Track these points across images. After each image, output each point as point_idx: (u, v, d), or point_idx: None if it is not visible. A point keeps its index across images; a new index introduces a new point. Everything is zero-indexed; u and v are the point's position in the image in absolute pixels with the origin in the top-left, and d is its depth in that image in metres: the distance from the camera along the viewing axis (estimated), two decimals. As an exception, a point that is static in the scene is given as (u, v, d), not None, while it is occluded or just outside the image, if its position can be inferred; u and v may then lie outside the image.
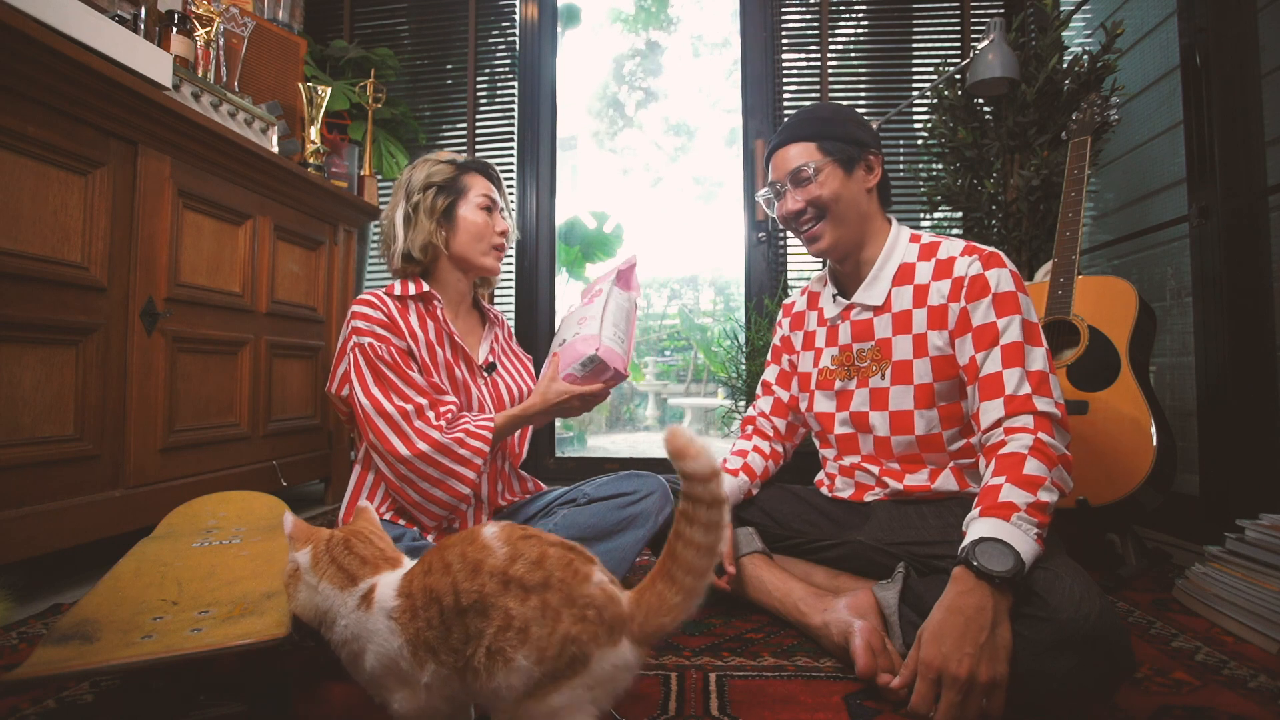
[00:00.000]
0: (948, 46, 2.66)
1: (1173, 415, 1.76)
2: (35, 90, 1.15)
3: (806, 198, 1.12)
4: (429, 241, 1.19)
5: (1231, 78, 1.60)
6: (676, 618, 0.62)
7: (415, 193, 1.20)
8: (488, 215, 1.22)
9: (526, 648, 0.58)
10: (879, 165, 1.14)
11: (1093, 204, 2.27)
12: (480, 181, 1.24)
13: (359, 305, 1.12)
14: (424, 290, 1.18)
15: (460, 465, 1.06)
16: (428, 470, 1.05)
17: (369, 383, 1.07)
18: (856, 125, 1.14)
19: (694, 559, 0.62)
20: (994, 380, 0.97)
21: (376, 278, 2.93)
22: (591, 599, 0.60)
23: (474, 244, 1.22)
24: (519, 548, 0.62)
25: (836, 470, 1.22)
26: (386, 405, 1.05)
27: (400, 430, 1.05)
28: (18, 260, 1.14)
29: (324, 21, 2.90)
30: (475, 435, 1.08)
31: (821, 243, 1.14)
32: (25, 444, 1.16)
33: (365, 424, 1.06)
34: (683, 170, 8.37)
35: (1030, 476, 0.86)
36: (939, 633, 0.77)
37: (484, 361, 1.26)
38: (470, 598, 0.60)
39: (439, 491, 1.06)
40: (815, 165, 1.11)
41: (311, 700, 0.82)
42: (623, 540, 1.10)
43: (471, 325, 1.30)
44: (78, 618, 0.71)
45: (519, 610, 0.59)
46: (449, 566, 0.63)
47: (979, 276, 1.02)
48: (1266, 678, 0.90)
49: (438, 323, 1.18)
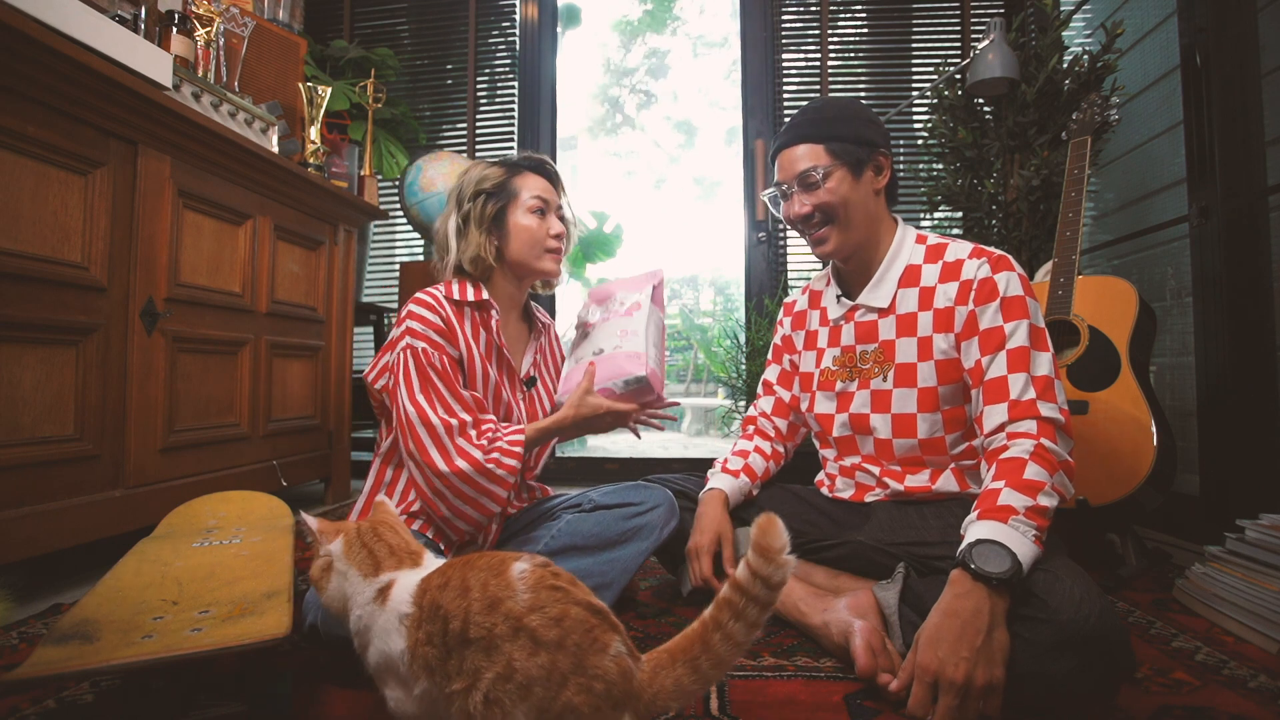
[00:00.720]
0: (948, 46, 2.66)
1: (1173, 415, 1.76)
2: (35, 90, 1.15)
3: (814, 202, 1.10)
4: (478, 255, 1.16)
5: (1231, 78, 1.60)
6: (687, 703, 0.60)
7: (466, 201, 1.18)
8: (540, 218, 1.19)
9: (526, 705, 0.56)
10: (889, 165, 1.12)
11: (1093, 204, 2.27)
12: (532, 181, 1.21)
13: (417, 305, 1.10)
14: (482, 298, 1.16)
15: (494, 484, 1.05)
16: (463, 488, 1.04)
17: (415, 389, 1.05)
18: (866, 124, 1.11)
19: (726, 652, 0.60)
20: (999, 384, 0.97)
21: (376, 277, 2.93)
22: (603, 672, 0.57)
23: (528, 250, 1.18)
24: (541, 598, 0.59)
25: (837, 471, 1.22)
26: (431, 416, 1.04)
27: (442, 445, 1.03)
28: (18, 260, 1.14)
29: (324, 21, 2.90)
30: (508, 454, 1.06)
31: (827, 246, 1.12)
32: (25, 444, 1.16)
33: (406, 430, 1.05)
34: (683, 170, 8.38)
35: (1030, 481, 0.86)
36: (935, 637, 0.77)
37: (525, 375, 1.25)
38: (479, 632, 0.58)
39: (470, 509, 1.05)
40: (824, 170, 1.08)
41: (311, 700, 0.82)
42: (626, 551, 1.10)
43: (519, 334, 1.29)
44: (78, 618, 0.71)
45: (523, 664, 0.56)
46: (467, 591, 0.61)
47: (988, 280, 1.01)
48: (1266, 678, 0.90)
49: (490, 334, 1.17)
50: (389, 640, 0.63)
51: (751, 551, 0.58)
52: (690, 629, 0.62)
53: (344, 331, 2.12)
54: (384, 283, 2.94)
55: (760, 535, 0.58)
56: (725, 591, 0.61)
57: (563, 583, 0.62)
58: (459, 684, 0.58)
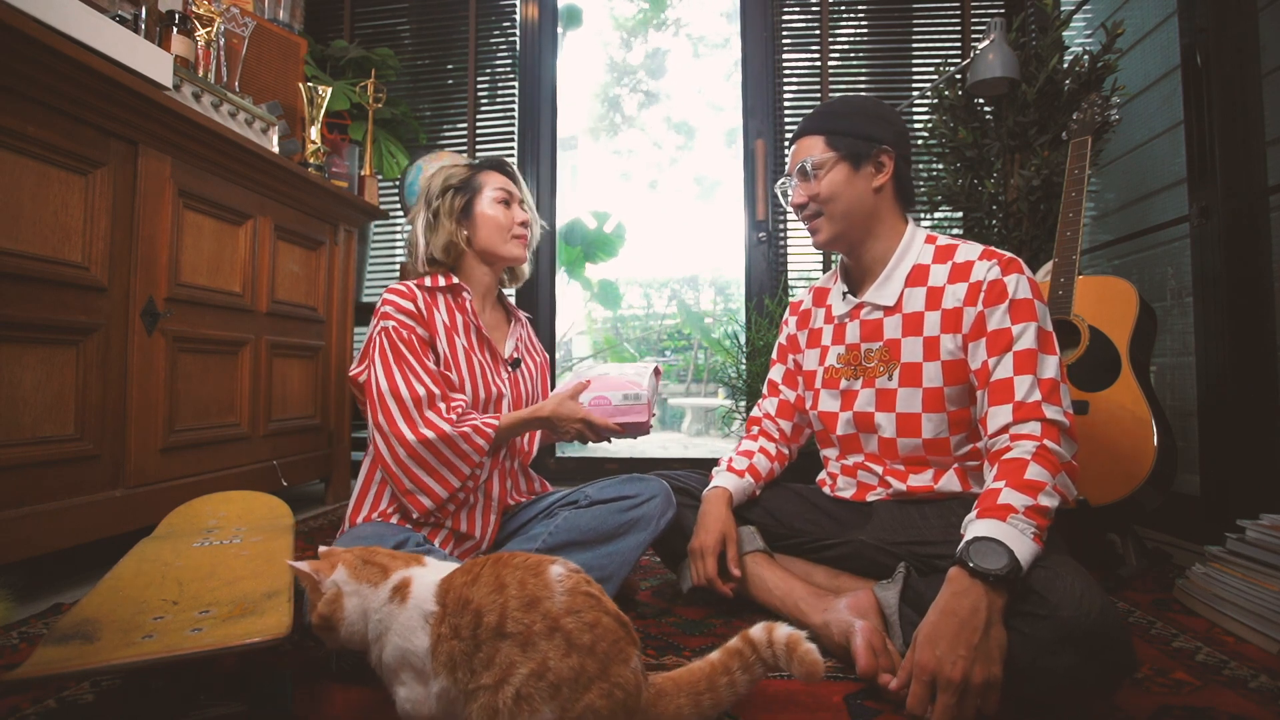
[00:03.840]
0: (948, 46, 2.66)
1: (1173, 415, 1.76)
2: (36, 90, 1.15)
3: (808, 193, 1.13)
4: (450, 241, 1.23)
5: (1232, 78, 1.60)
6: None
7: (434, 199, 1.25)
8: (505, 208, 1.26)
9: (554, 704, 0.58)
10: (891, 164, 1.11)
11: (1093, 204, 2.27)
12: (495, 177, 1.28)
13: (390, 294, 1.15)
14: (453, 282, 1.22)
15: (458, 459, 1.08)
16: (427, 458, 1.06)
17: (390, 363, 1.09)
18: (874, 121, 1.12)
19: (726, 696, 0.66)
20: (1004, 386, 0.97)
21: (376, 277, 2.93)
22: (624, 682, 0.60)
23: (495, 235, 1.25)
24: (577, 602, 0.62)
25: (839, 469, 1.22)
26: (402, 389, 1.07)
27: (409, 415, 1.07)
28: (18, 260, 1.14)
29: (324, 21, 2.90)
30: (480, 432, 1.09)
31: (818, 236, 1.16)
32: (26, 444, 1.16)
33: (376, 403, 1.08)
34: (683, 170, 8.38)
35: (1031, 481, 0.86)
36: (933, 635, 0.77)
37: (510, 356, 1.29)
38: (516, 627, 0.60)
39: (432, 481, 1.07)
40: (815, 161, 1.11)
41: (312, 700, 0.82)
42: (624, 544, 1.10)
43: (498, 320, 1.33)
44: (78, 617, 0.71)
45: (556, 664, 0.59)
46: (503, 587, 0.63)
47: (997, 281, 1.01)
48: (1267, 678, 0.90)
49: (465, 314, 1.21)
50: (411, 638, 0.64)
51: (786, 647, 0.65)
52: (698, 666, 0.68)
53: (344, 331, 2.13)
54: (384, 283, 2.94)
55: (800, 663, 0.66)
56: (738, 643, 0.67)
57: (595, 590, 0.65)
58: (488, 678, 0.60)
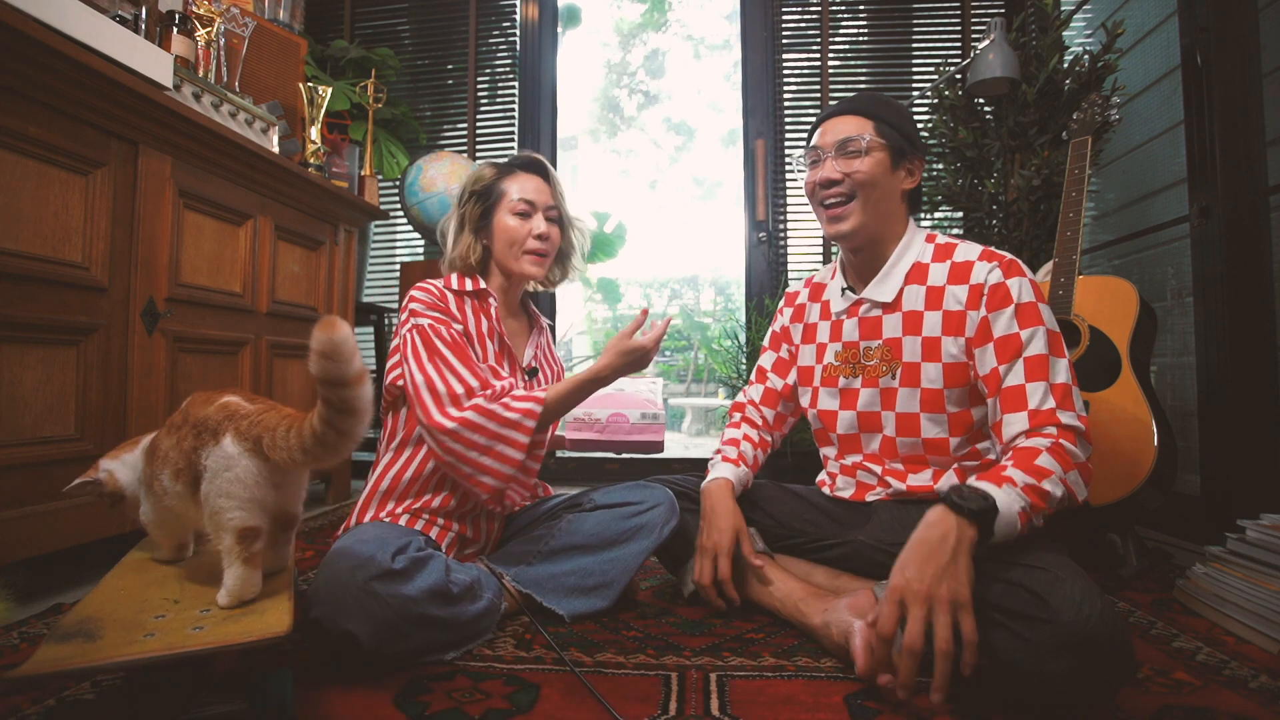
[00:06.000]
0: (948, 46, 2.66)
1: (1173, 415, 1.76)
2: (36, 90, 1.15)
3: (846, 169, 1.08)
4: (464, 254, 1.21)
5: (1232, 78, 1.60)
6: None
7: (462, 203, 1.23)
8: (522, 220, 1.21)
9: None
10: (919, 172, 1.13)
11: (1093, 204, 2.27)
12: (519, 182, 1.23)
13: (417, 291, 1.13)
14: (480, 287, 1.20)
15: (510, 430, 1.05)
16: (474, 438, 1.03)
17: (424, 359, 1.07)
18: (913, 126, 1.14)
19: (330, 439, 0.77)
20: (1017, 393, 0.96)
21: (376, 277, 2.93)
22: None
23: (506, 250, 1.21)
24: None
25: (838, 469, 1.22)
26: (438, 384, 1.05)
27: (442, 404, 1.05)
28: (18, 260, 1.14)
29: (324, 21, 2.90)
30: (526, 399, 1.07)
31: (844, 224, 1.10)
32: (26, 444, 1.16)
33: (414, 401, 1.06)
34: (683, 170, 8.39)
35: (1039, 467, 0.87)
36: (903, 562, 0.81)
37: (527, 365, 1.27)
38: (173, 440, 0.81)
39: (489, 460, 1.04)
40: (868, 141, 1.08)
41: (312, 699, 0.82)
42: (626, 550, 1.10)
43: (519, 328, 1.31)
44: (80, 616, 0.71)
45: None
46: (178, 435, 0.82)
47: (1000, 285, 1.01)
48: (1268, 678, 0.90)
49: (490, 320, 1.20)
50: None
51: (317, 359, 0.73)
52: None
53: (344, 331, 2.12)
54: (384, 283, 2.94)
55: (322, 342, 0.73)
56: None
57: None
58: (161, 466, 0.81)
